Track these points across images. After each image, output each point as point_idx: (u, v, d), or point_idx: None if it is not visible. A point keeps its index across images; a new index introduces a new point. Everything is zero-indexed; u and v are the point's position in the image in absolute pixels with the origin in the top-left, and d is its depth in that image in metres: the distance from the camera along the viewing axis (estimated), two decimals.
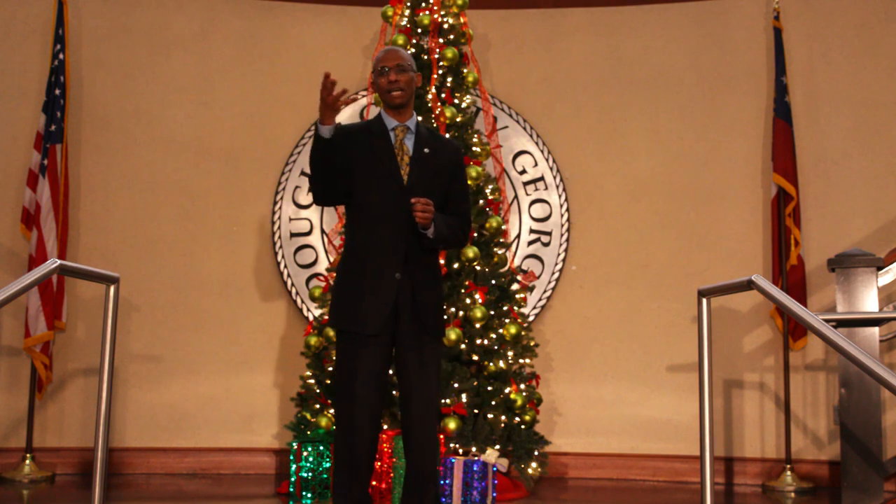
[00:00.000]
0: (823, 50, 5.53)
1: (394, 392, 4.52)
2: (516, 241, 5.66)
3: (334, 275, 4.96)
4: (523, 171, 5.75)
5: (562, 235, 5.67)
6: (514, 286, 5.03)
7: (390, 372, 3.64)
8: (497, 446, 4.59)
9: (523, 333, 4.94)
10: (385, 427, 4.52)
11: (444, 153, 3.43)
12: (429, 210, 3.23)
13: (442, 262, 4.78)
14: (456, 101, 5.11)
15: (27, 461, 5.06)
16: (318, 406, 4.76)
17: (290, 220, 5.66)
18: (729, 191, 5.57)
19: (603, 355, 5.55)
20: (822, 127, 5.48)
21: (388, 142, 3.39)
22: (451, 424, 4.50)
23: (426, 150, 3.39)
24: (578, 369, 5.55)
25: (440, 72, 5.13)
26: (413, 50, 5.13)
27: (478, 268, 4.89)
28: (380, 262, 3.30)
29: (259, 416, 5.47)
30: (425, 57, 5.12)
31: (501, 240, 5.06)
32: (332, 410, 4.66)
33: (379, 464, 4.35)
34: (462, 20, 5.27)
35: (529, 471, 4.75)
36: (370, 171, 3.34)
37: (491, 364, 4.76)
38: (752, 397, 5.40)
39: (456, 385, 4.61)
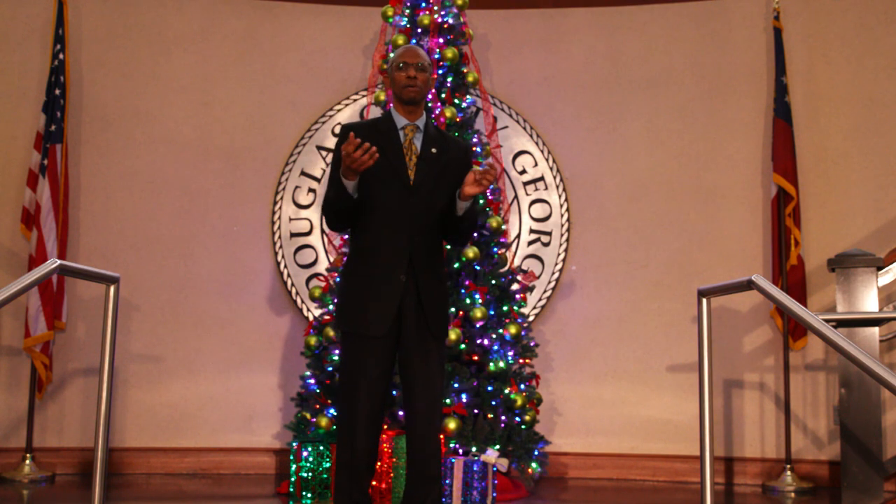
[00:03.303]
0: (823, 50, 5.53)
1: (395, 392, 4.52)
2: (516, 241, 5.67)
3: (335, 275, 5.00)
4: (523, 171, 5.75)
5: (562, 235, 5.67)
6: (514, 286, 5.03)
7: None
8: (497, 446, 4.59)
9: (523, 333, 4.94)
10: (385, 427, 4.52)
11: (453, 153, 3.41)
12: (489, 181, 3.21)
13: None
14: (456, 101, 5.11)
15: (27, 461, 5.07)
16: (318, 406, 4.76)
17: (290, 220, 5.66)
18: (729, 191, 5.58)
19: (603, 355, 5.55)
20: (822, 127, 5.49)
21: (396, 140, 3.38)
22: (451, 424, 4.50)
23: (434, 150, 3.37)
24: (578, 369, 5.55)
25: (440, 72, 5.13)
26: None
27: (478, 268, 4.89)
28: (385, 264, 3.29)
29: (259, 416, 5.47)
30: None
31: (501, 240, 5.06)
32: (331, 410, 4.66)
33: (379, 464, 4.35)
34: (462, 20, 5.27)
35: (529, 471, 4.75)
36: (377, 170, 3.31)
37: (491, 364, 4.76)
38: (752, 397, 5.40)
39: (456, 385, 4.61)
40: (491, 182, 3.23)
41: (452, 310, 4.75)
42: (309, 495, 4.47)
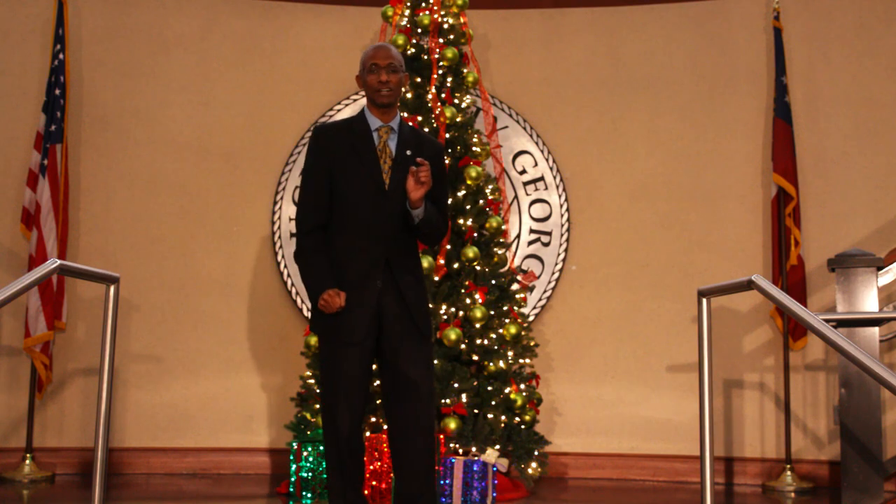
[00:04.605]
0: (823, 50, 5.53)
1: None
2: (516, 241, 5.66)
3: None
4: (523, 171, 5.75)
5: (562, 235, 5.67)
6: (514, 286, 5.03)
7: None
8: (497, 446, 4.59)
9: (523, 333, 4.94)
10: (385, 427, 4.52)
11: (427, 154, 3.36)
12: (427, 177, 3.18)
13: (442, 262, 4.79)
14: (456, 101, 5.11)
15: (27, 461, 5.07)
16: (317, 406, 4.76)
17: (290, 220, 5.66)
18: (729, 191, 5.57)
19: (603, 355, 5.55)
20: (822, 127, 5.48)
21: (370, 143, 3.33)
22: (451, 424, 4.50)
23: (409, 152, 3.33)
24: (578, 369, 5.55)
25: (440, 72, 5.13)
26: (413, 50, 5.13)
27: (478, 268, 4.89)
28: (361, 270, 3.25)
29: (258, 416, 5.47)
30: (425, 57, 5.12)
31: (501, 240, 5.06)
32: None
33: (379, 464, 4.35)
34: (462, 20, 5.27)
35: (529, 471, 4.75)
36: (351, 173, 3.30)
37: (491, 364, 4.76)
38: (752, 397, 5.40)
39: (456, 385, 4.61)
40: (427, 175, 3.18)
41: (452, 310, 4.75)
42: (309, 495, 4.47)
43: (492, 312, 4.82)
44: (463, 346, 4.72)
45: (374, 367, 3.38)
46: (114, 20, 5.64)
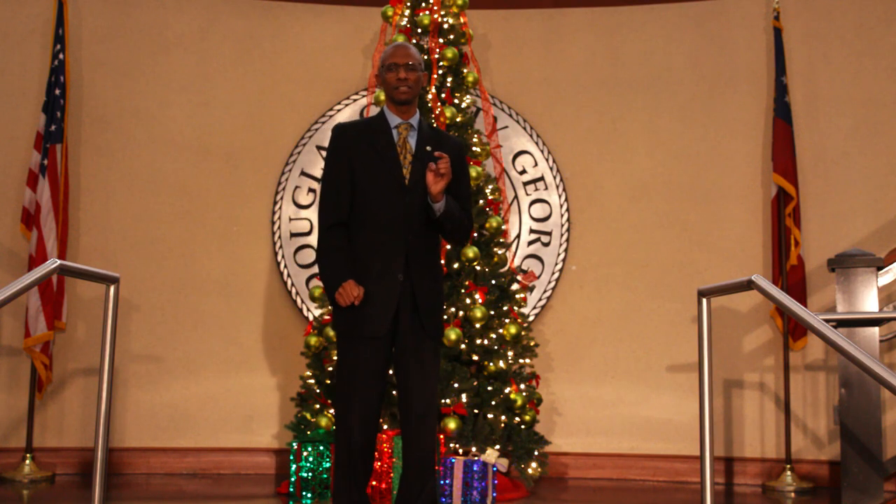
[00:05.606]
0: (823, 50, 5.53)
1: (394, 392, 4.52)
2: (516, 241, 5.67)
3: None
4: (523, 171, 5.75)
5: (562, 235, 5.67)
6: (514, 286, 5.03)
7: (390, 372, 3.63)
8: (497, 446, 4.59)
9: (523, 333, 4.94)
10: (385, 427, 4.52)
11: (447, 150, 3.39)
12: (447, 168, 3.20)
13: (442, 262, 4.78)
14: (456, 101, 5.11)
15: (27, 461, 5.07)
16: (318, 406, 4.76)
17: (290, 220, 5.66)
18: (729, 191, 5.57)
19: (603, 355, 5.55)
20: (822, 127, 5.48)
21: (390, 139, 3.37)
22: (451, 424, 4.50)
23: (428, 148, 3.36)
24: (578, 369, 5.55)
25: (440, 72, 5.13)
26: None
27: (478, 268, 4.89)
28: (382, 265, 3.28)
29: (259, 416, 5.47)
30: (425, 57, 5.12)
31: (501, 240, 5.06)
32: (332, 410, 4.66)
33: (379, 464, 4.35)
34: (462, 20, 5.27)
35: (529, 471, 4.75)
36: (372, 169, 3.32)
37: (491, 364, 4.76)
38: (752, 397, 5.40)
39: (456, 385, 4.61)
40: (447, 167, 3.21)
41: (452, 310, 4.75)
42: (309, 495, 4.47)
43: (492, 312, 4.82)
44: (463, 346, 4.72)
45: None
46: (114, 20, 5.64)
